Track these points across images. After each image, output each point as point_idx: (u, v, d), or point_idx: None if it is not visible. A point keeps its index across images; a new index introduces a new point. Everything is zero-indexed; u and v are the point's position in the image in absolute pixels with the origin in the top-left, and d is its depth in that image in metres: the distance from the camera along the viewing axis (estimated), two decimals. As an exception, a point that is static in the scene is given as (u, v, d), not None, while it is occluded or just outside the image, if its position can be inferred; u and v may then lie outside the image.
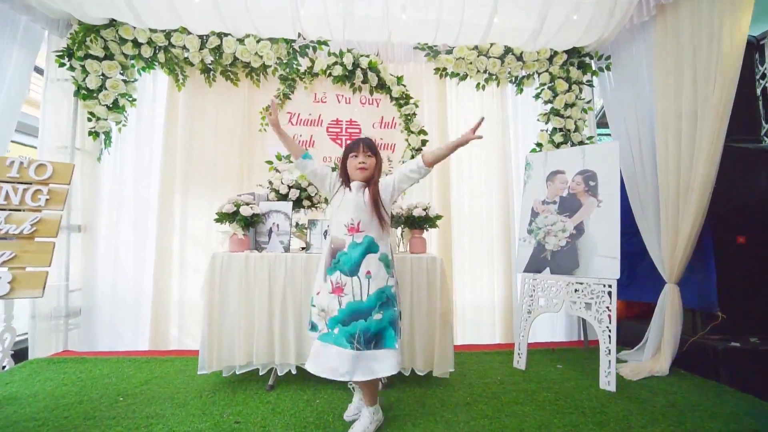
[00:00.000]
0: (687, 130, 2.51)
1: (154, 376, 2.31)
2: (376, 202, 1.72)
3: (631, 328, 3.03)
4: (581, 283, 2.47)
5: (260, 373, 2.17)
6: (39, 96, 3.24)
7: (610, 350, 2.27)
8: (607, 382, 2.24)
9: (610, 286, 2.35)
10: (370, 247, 1.68)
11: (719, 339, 2.46)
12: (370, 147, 1.80)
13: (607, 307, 2.33)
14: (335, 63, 3.23)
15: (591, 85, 3.52)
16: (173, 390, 2.09)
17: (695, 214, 2.44)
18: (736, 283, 2.49)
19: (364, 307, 1.61)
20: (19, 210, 1.57)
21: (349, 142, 2.10)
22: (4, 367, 2.44)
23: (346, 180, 1.81)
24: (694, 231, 2.46)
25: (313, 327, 1.70)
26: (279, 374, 2.16)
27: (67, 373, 2.32)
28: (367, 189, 1.75)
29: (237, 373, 2.14)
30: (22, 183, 1.60)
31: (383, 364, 1.58)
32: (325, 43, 3.21)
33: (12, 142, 2.79)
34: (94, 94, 3.01)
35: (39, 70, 3.08)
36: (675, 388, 2.21)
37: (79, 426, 1.69)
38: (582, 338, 3.14)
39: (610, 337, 2.28)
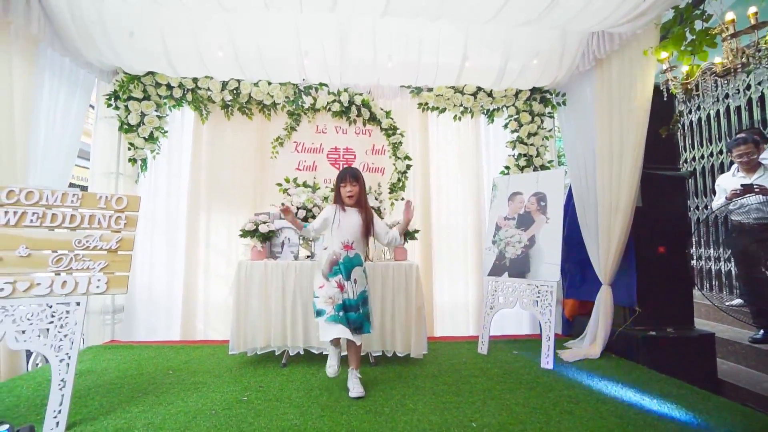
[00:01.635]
0: (615, 158, 3.13)
1: (190, 357, 2.93)
2: (368, 227, 2.39)
3: (582, 323, 3.62)
4: (531, 285, 3.08)
5: (276, 354, 2.80)
6: (89, 126, 3.91)
7: (549, 337, 2.88)
8: (546, 362, 2.85)
9: (551, 287, 2.96)
10: (357, 261, 2.35)
11: (641, 329, 3.06)
12: (354, 176, 2.42)
13: (549, 303, 2.94)
14: (334, 100, 3.87)
15: (552, 117, 4.15)
16: (209, 366, 2.71)
17: (621, 228, 3.05)
18: (654, 283, 3.10)
19: (353, 303, 2.29)
20: (108, 231, 2.20)
21: (344, 166, 2.66)
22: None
23: (341, 204, 2.43)
24: (621, 242, 3.07)
25: (320, 313, 2.27)
26: (291, 354, 2.78)
27: (122, 356, 2.95)
28: (360, 215, 2.38)
29: (258, 353, 2.76)
30: (108, 211, 2.23)
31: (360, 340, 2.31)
32: (325, 84, 3.85)
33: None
34: (134, 128, 3.64)
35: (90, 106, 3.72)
36: (600, 366, 2.82)
37: (147, 388, 2.31)
38: (541, 332, 3.74)
39: (550, 326, 2.90)
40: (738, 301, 3.71)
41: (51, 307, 1.91)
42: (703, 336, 2.99)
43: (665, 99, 2.72)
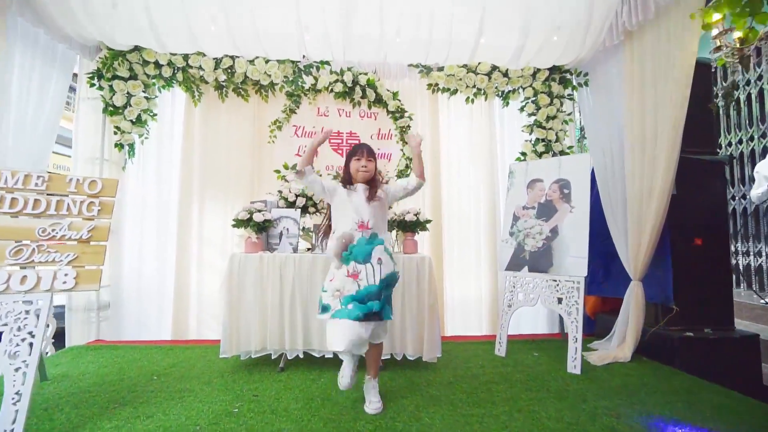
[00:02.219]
0: (649, 142, 2.82)
1: (179, 360, 2.66)
2: (383, 204, 2.08)
3: (606, 321, 3.35)
4: (554, 280, 2.79)
5: (272, 357, 2.51)
6: (72, 112, 3.61)
7: (576, 338, 2.59)
8: (573, 366, 2.56)
9: (578, 283, 2.67)
10: (377, 241, 2.00)
11: (676, 330, 2.77)
12: (371, 153, 2.12)
13: (576, 301, 2.65)
14: (336, 80, 3.56)
15: (572, 99, 3.83)
16: (198, 371, 2.44)
17: (655, 219, 2.75)
18: (691, 280, 2.80)
19: (375, 289, 1.90)
20: (78, 219, 1.92)
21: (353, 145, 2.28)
22: (47, 353, 2.79)
23: (348, 180, 2.12)
24: (654, 233, 2.77)
25: (325, 309, 1.92)
26: (288, 358, 2.50)
27: (104, 357, 2.68)
28: (372, 191, 2.06)
29: (252, 357, 2.49)
30: (79, 196, 1.94)
31: (383, 330, 1.98)
32: (327, 63, 3.54)
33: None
34: (120, 111, 3.35)
35: (72, 88, 3.44)
36: (633, 371, 2.54)
37: (125, 397, 2.03)
38: (560, 331, 3.47)
39: (577, 327, 2.61)
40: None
41: (7, 305, 1.63)
42: (745, 337, 2.71)
43: (713, 70, 2.39)
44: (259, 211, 2.60)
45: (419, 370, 2.50)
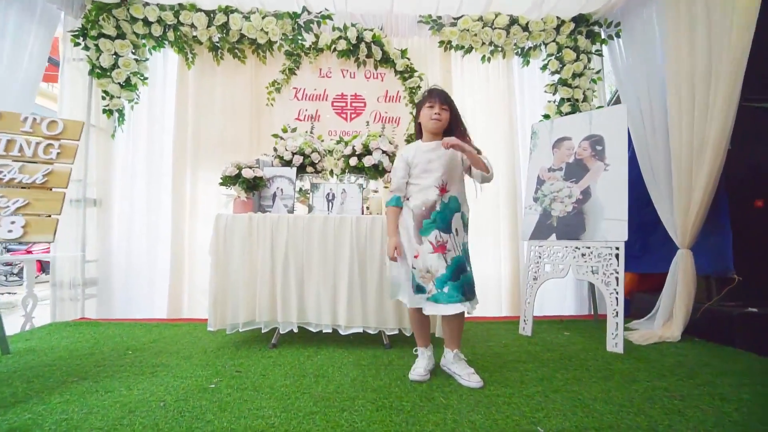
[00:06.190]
0: (700, 88, 2.42)
1: (162, 336, 2.38)
2: (462, 159, 1.80)
3: (644, 301, 2.95)
4: (588, 248, 2.41)
5: (263, 331, 2.20)
6: (52, 89, 3.39)
7: (617, 312, 2.21)
8: (614, 344, 2.18)
9: (617, 249, 2.29)
10: (455, 207, 1.78)
11: (735, 305, 2.36)
12: (445, 99, 1.79)
13: (615, 270, 2.27)
14: (339, 37, 3.25)
15: (600, 55, 3.42)
16: (180, 346, 2.16)
17: (708, 176, 2.35)
18: (753, 247, 2.39)
19: (462, 260, 1.72)
20: (33, 162, 1.65)
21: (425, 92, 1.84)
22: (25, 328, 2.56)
23: (419, 132, 1.87)
24: (707, 193, 2.37)
25: (420, 289, 1.73)
26: (281, 332, 2.18)
27: (82, 333, 2.43)
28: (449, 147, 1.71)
29: (240, 330, 2.18)
30: (35, 137, 1.67)
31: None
32: (329, 17, 3.23)
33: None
34: (108, 73, 3.11)
35: (54, 62, 3.21)
36: (687, 351, 2.14)
37: (89, 371, 1.76)
38: (592, 312, 3.07)
39: (617, 299, 2.23)
40: None
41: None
42: (821, 314, 2.27)
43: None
44: (250, 167, 2.30)
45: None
